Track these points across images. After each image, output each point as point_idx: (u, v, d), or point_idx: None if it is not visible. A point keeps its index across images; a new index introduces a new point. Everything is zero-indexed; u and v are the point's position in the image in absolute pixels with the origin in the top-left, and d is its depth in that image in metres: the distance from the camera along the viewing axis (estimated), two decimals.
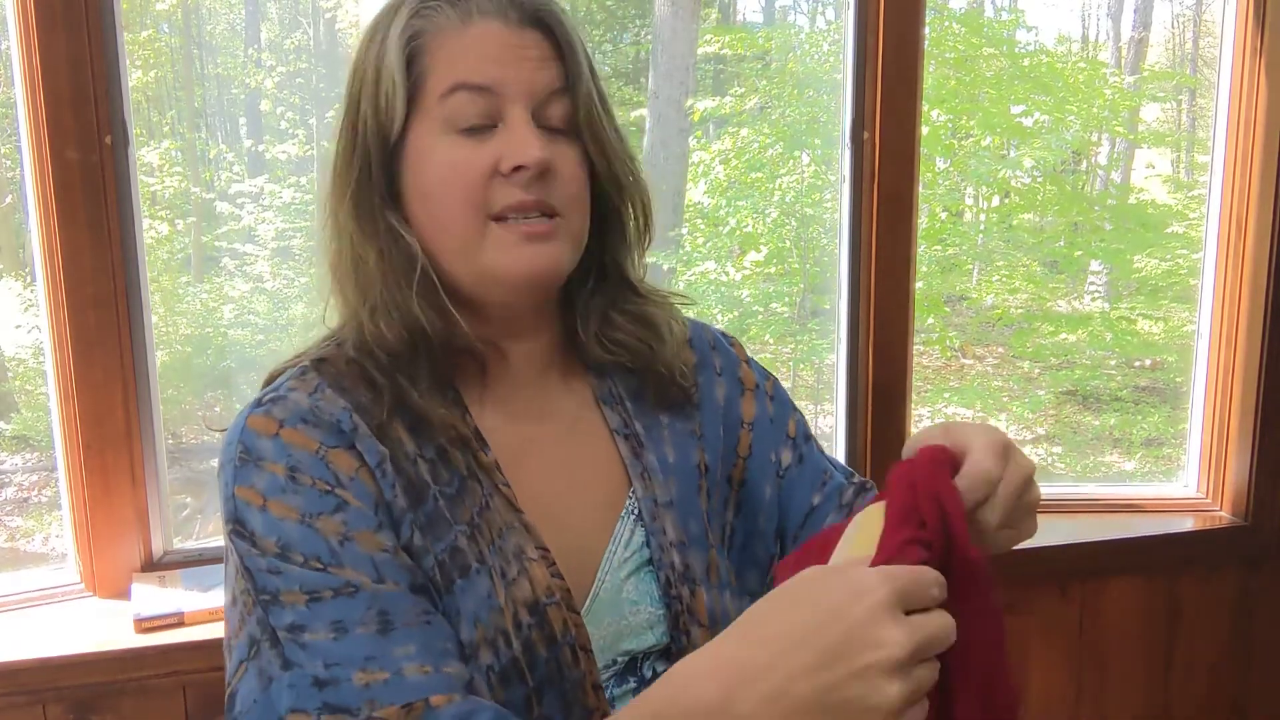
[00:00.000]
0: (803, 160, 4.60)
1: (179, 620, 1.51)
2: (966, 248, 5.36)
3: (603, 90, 0.88)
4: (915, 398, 1.96)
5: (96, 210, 1.51)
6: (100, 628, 1.53)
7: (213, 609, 1.52)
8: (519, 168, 0.82)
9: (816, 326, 4.44)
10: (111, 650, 1.48)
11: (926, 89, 1.84)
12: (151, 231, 4.26)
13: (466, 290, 0.87)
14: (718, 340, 1.03)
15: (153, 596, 1.55)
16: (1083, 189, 5.88)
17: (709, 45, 4.87)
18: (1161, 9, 6.09)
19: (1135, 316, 5.23)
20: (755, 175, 4.59)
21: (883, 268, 1.84)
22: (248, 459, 0.79)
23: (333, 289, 0.89)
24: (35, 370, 4.21)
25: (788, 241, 4.58)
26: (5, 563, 3.97)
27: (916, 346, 2.90)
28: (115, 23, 1.51)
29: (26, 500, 4.19)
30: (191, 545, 1.69)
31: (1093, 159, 5.81)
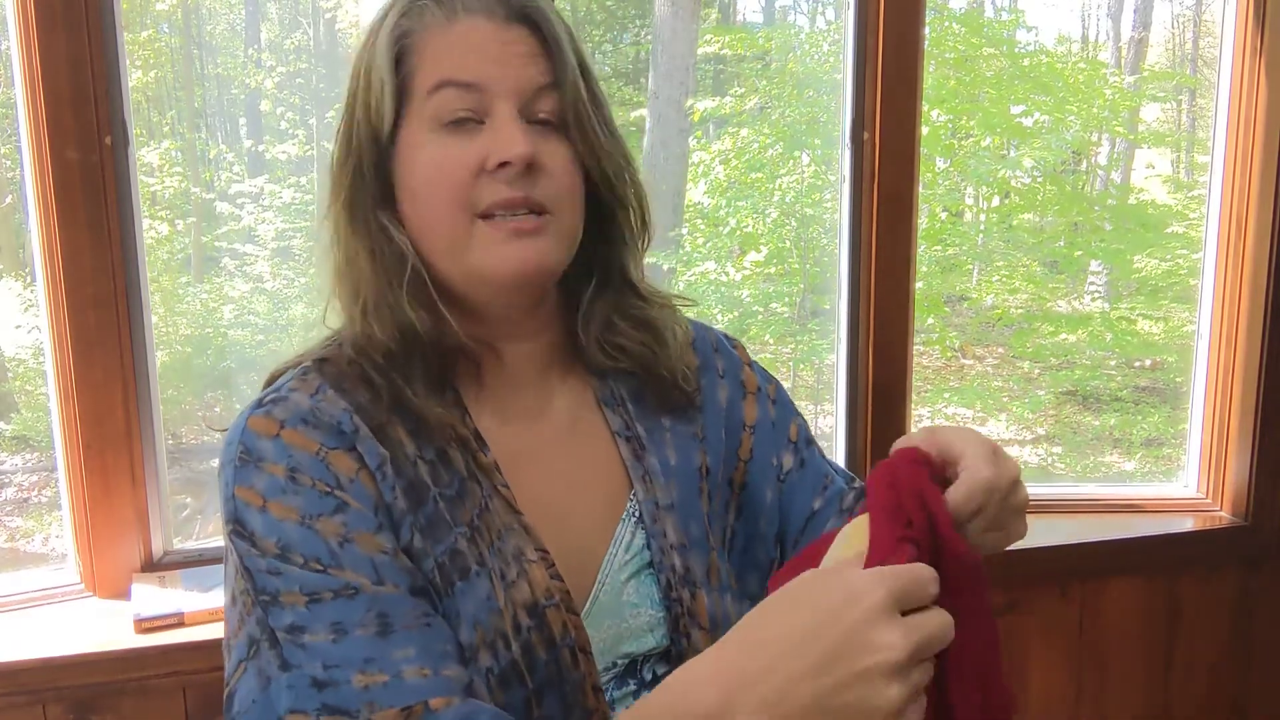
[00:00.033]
0: (803, 160, 4.60)
1: (179, 620, 1.51)
2: (966, 248, 5.35)
3: (594, 87, 0.87)
4: (915, 398, 1.96)
5: (96, 210, 1.51)
6: (100, 628, 1.53)
7: (213, 609, 1.52)
8: (504, 164, 0.81)
9: (816, 327, 4.44)
10: (111, 650, 1.48)
11: (926, 89, 1.84)
12: (151, 231, 4.26)
13: (458, 290, 0.86)
14: (720, 343, 1.03)
15: (153, 597, 1.55)
16: (1083, 189, 5.88)
17: (709, 45, 4.87)
18: (1161, 9, 6.10)
19: (1135, 316, 5.23)
20: (755, 175, 4.59)
21: (883, 268, 1.84)
22: (248, 459, 0.79)
23: (331, 289, 0.89)
24: (35, 370, 4.21)
25: (788, 242, 4.58)
26: (5, 563, 3.96)
27: (916, 347, 2.90)
28: (115, 23, 1.51)
29: (26, 500, 4.18)
30: (191, 545, 1.69)
31: (1093, 159, 5.80)
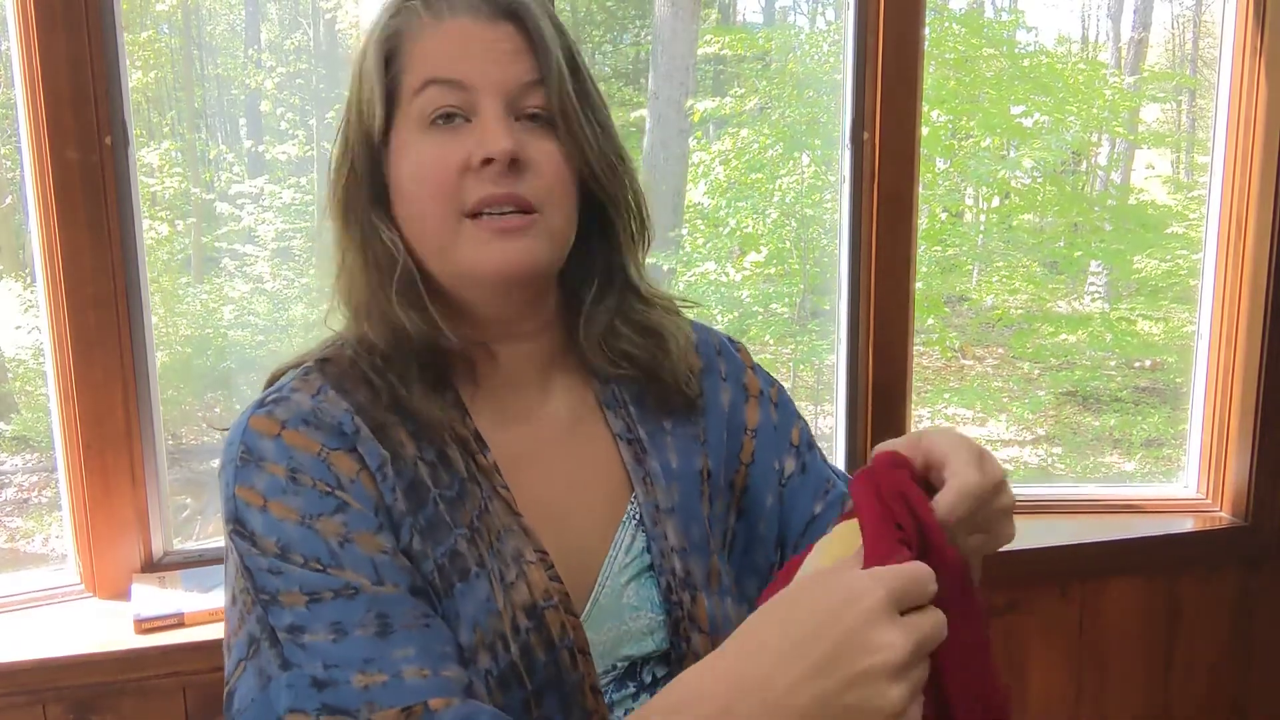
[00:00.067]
0: (803, 161, 4.60)
1: (179, 621, 1.51)
2: (966, 248, 5.36)
3: (585, 84, 0.86)
4: (915, 398, 1.96)
5: (96, 210, 1.51)
6: (100, 628, 1.53)
7: (213, 610, 1.52)
8: (488, 160, 0.81)
9: (816, 327, 4.44)
10: (111, 651, 1.48)
11: (926, 89, 1.84)
12: (151, 232, 4.26)
13: (450, 291, 0.86)
14: (724, 345, 1.03)
15: (153, 597, 1.55)
16: (1083, 189, 5.88)
17: (709, 46, 4.87)
18: (1161, 9, 6.10)
19: (1135, 317, 5.23)
20: (755, 176, 4.59)
21: (883, 268, 1.84)
22: (249, 459, 0.79)
23: (331, 289, 0.89)
24: (35, 371, 4.21)
25: (788, 242, 4.58)
26: (5, 563, 3.97)
27: (916, 347, 2.90)
28: (115, 23, 1.52)
29: (26, 501, 4.18)
30: (191, 546, 1.69)
31: (1093, 159, 5.81)
